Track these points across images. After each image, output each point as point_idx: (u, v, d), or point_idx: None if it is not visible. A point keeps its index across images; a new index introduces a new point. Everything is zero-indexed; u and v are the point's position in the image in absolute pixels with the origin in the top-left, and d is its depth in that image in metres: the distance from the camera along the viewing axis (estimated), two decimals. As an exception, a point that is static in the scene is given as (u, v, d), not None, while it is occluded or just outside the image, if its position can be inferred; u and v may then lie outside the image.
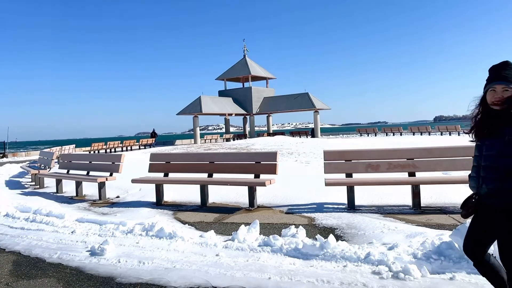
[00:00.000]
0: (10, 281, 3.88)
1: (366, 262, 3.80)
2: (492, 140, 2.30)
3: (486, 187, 2.30)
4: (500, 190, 2.23)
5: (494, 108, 2.31)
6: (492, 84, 2.32)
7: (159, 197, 7.54)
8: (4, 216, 6.80)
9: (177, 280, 3.71)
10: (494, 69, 2.37)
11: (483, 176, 2.33)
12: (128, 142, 38.87)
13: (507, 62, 2.34)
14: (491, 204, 2.31)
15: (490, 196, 2.29)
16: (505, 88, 2.27)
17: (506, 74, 2.29)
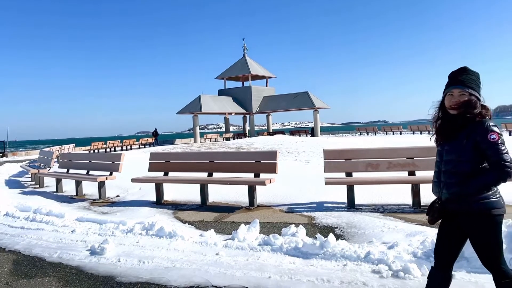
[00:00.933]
0: (10, 280, 3.88)
1: (366, 261, 3.80)
2: (451, 145, 2.33)
3: (447, 192, 2.33)
4: (460, 195, 2.27)
5: (451, 113, 2.34)
6: (449, 88, 2.35)
7: (159, 196, 7.54)
8: (4, 215, 6.80)
9: (177, 279, 3.71)
10: (452, 74, 2.40)
11: (444, 181, 2.36)
12: (128, 141, 38.87)
13: (464, 68, 2.38)
14: (452, 209, 2.33)
15: (451, 201, 2.32)
16: (461, 92, 2.30)
17: (463, 79, 2.32)
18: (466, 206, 2.27)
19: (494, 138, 2.19)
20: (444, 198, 2.35)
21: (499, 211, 2.26)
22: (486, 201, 2.24)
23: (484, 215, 2.25)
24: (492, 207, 2.24)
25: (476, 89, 2.32)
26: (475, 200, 2.24)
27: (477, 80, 2.35)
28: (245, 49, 46.71)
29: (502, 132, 2.27)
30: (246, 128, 48.06)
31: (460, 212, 2.30)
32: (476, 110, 2.27)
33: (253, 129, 46.28)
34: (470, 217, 2.28)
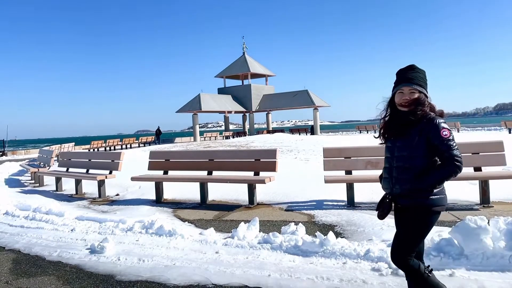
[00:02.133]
0: (10, 279, 3.88)
1: (366, 259, 3.80)
2: (402, 142, 2.38)
3: (400, 187, 2.38)
4: (412, 190, 2.33)
5: (402, 110, 2.39)
6: (400, 86, 2.40)
7: (158, 194, 7.54)
8: (3, 214, 6.80)
9: (177, 277, 3.71)
10: (401, 72, 2.45)
11: (396, 177, 2.40)
12: (127, 140, 38.87)
13: (412, 66, 2.44)
14: (404, 204, 2.39)
15: (403, 196, 2.37)
16: (411, 90, 2.36)
17: (413, 76, 2.38)
18: (416, 201, 2.33)
19: (446, 135, 2.27)
20: (397, 194, 2.40)
21: (440, 208, 2.35)
22: (431, 197, 2.32)
23: (425, 211, 2.33)
24: (434, 204, 2.33)
25: (424, 87, 2.39)
26: (425, 196, 2.31)
27: (424, 77, 2.42)
28: (244, 48, 46.67)
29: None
30: (246, 127, 48.05)
31: (410, 206, 2.36)
32: (426, 107, 2.35)
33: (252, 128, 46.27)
34: (413, 211, 2.34)
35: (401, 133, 2.38)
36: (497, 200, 6.07)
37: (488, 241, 3.61)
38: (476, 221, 3.66)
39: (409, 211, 2.37)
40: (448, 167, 2.28)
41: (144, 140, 40.07)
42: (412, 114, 2.34)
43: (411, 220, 2.36)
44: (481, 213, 5.35)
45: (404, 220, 2.41)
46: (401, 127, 2.38)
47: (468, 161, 6.11)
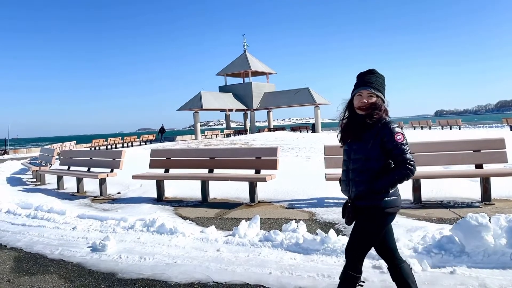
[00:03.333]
0: (12, 277, 3.89)
1: (367, 257, 3.74)
2: (359, 144, 2.42)
3: (356, 189, 2.42)
4: (368, 192, 2.37)
5: (359, 113, 2.43)
6: (358, 89, 2.44)
7: (160, 193, 7.55)
8: (5, 212, 6.81)
9: (178, 275, 3.72)
10: (361, 76, 2.49)
11: (352, 179, 2.45)
12: (128, 138, 38.90)
13: (372, 70, 2.48)
14: (359, 205, 2.43)
15: (359, 198, 2.42)
16: (369, 94, 2.40)
17: (372, 80, 2.42)
18: (370, 203, 2.38)
19: (400, 139, 2.32)
20: (354, 196, 2.45)
21: (393, 209, 2.41)
22: (385, 198, 2.37)
23: (379, 211, 2.38)
24: (389, 205, 2.38)
25: (382, 91, 2.44)
26: (379, 197, 2.36)
27: (383, 82, 2.46)
28: (245, 45, 46.60)
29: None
30: (247, 125, 48.04)
31: (365, 208, 2.41)
32: (382, 112, 2.40)
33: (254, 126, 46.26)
34: (368, 211, 2.40)
35: (357, 136, 2.43)
36: (498, 198, 6.06)
37: (489, 238, 3.60)
38: (477, 219, 3.65)
39: (364, 212, 2.42)
40: (401, 170, 2.33)
41: (145, 138, 40.10)
42: (368, 118, 2.39)
43: (366, 221, 2.42)
44: (482, 210, 5.34)
45: (359, 221, 2.46)
46: (358, 130, 2.42)
47: (469, 159, 6.10)
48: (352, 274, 2.45)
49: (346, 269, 2.48)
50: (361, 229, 2.44)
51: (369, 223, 2.41)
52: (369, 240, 2.45)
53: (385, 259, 2.59)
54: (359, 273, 2.46)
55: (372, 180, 2.37)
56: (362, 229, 2.44)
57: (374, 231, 2.42)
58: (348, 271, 2.46)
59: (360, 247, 2.45)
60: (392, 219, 2.45)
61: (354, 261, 2.46)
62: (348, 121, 2.51)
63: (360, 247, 2.45)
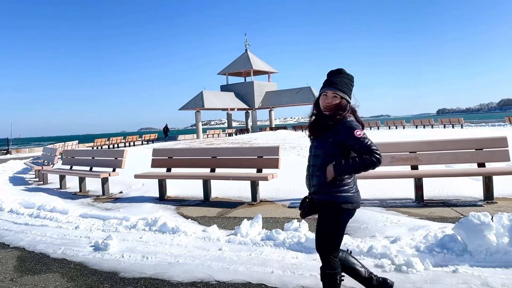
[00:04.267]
0: (15, 276, 3.91)
1: (369, 256, 3.80)
2: (320, 142, 2.54)
3: (313, 184, 2.54)
4: (322, 186, 2.47)
5: (324, 112, 2.51)
6: (324, 89, 2.51)
7: (162, 192, 7.56)
8: (8, 212, 6.84)
9: (180, 274, 3.72)
10: (329, 75, 2.55)
11: (312, 174, 2.56)
12: (131, 137, 38.96)
13: (340, 70, 2.54)
14: (317, 200, 2.52)
15: (316, 193, 2.53)
16: (334, 94, 2.47)
17: (337, 81, 2.48)
18: (326, 197, 2.47)
19: (359, 134, 2.38)
20: (312, 191, 2.56)
21: (349, 205, 2.46)
22: (342, 194, 2.44)
23: (335, 207, 2.45)
24: (343, 200, 2.44)
25: (347, 92, 2.50)
26: (333, 191, 2.44)
27: (349, 83, 2.52)
28: (247, 44, 46.59)
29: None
30: (248, 124, 48.04)
31: (322, 203, 2.50)
32: (346, 112, 2.46)
33: (255, 125, 46.26)
34: (325, 207, 2.48)
35: (319, 134, 2.53)
36: (501, 196, 6.05)
37: (491, 237, 3.59)
38: (480, 217, 3.65)
39: (322, 208, 2.51)
40: (367, 157, 2.37)
41: (147, 137, 40.17)
42: (331, 118, 2.46)
43: (325, 217, 2.51)
44: (484, 209, 5.33)
45: (321, 218, 2.54)
46: (321, 128, 2.51)
47: (471, 157, 6.09)
48: (329, 272, 2.53)
49: (323, 269, 2.56)
50: (323, 226, 2.52)
51: (329, 219, 2.49)
52: (333, 236, 2.51)
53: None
54: (336, 268, 2.54)
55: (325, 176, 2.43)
56: (324, 226, 2.52)
57: (335, 227, 2.49)
58: (326, 271, 2.54)
59: (327, 243, 2.52)
60: (350, 214, 2.50)
61: (326, 258, 2.53)
62: (315, 119, 2.59)
63: (326, 243, 2.52)
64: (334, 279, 2.53)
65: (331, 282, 2.54)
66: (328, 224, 2.49)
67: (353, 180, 2.53)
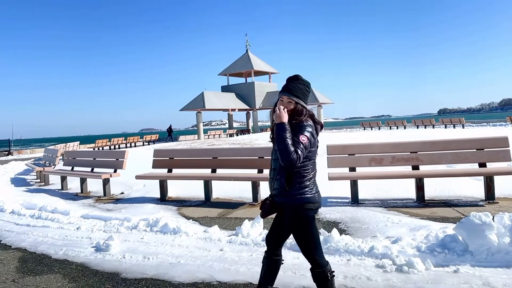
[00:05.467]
0: (17, 277, 3.92)
1: (370, 256, 3.80)
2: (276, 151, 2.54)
3: (274, 187, 2.61)
4: (282, 189, 2.53)
5: None
6: (280, 94, 2.60)
7: (163, 192, 7.57)
8: (10, 213, 6.85)
9: (182, 275, 3.73)
10: (286, 81, 2.63)
11: (273, 178, 2.63)
12: (132, 138, 38.99)
13: (297, 76, 2.63)
14: (278, 202, 2.60)
15: (277, 195, 2.60)
16: (289, 100, 2.55)
17: (292, 87, 2.56)
18: (287, 200, 2.53)
19: (303, 140, 2.44)
20: (273, 193, 2.63)
21: (311, 205, 2.53)
22: (302, 196, 2.51)
23: (298, 209, 2.52)
24: (305, 201, 2.51)
25: (302, 98, 2.57)
26: (294, 194, 2.51)
27: (305, 89, 2.60)
28: (247, 45, 46.59)
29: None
30: (249, 124, 48.03)
31: (283, 204, 2.57)
32: (302, 117, 2.54)
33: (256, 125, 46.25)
34: (288, 210, 2.55)
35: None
36: (502, 196, 6.04)
37: (493, 237, 3.59)
38: (481, 217, 3.65)
39: (283, 209, 2.59)
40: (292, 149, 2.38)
41: (149, 138, 40.19)
42: (288, 122, 2.50)
43: (288, 219, 2.58)
44: (486, 209, 5.33)
45: (289, 223, 2.59)
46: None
47: (473, 157, 6.09)
48: (319, 271, 2.59)
49: (312, 270, 2.63)
50: (294, 229, 2.58)
51: (292, 221, 2.56)
52: (309, 237, 2.57)
53: (268, 246, 2.80)
54: (324, 265, 2.60)
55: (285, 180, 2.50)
56: (294, 229, 2.58)
57: (305, 228, 2.54)
58: (315, 270, 2.60)
59: (306, 245, 2.58)
60: (311, 213, 2.55)
61: (312, 259, 2.59)
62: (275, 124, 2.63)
63: (306, 245, 2.58)
64: (325, 276, 2.59)
65: (323, 280, 2.60)
66: (297, 227, 2.56)
67: (313, 181, 2.60)
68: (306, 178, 2.53)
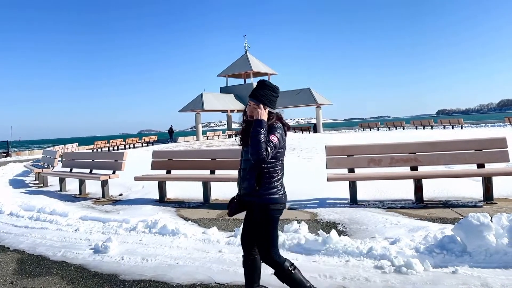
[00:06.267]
0: (15, 279, 3.91)
1: (369, 257, 3.80)
2: (248, 147, 2.64)
3: (243, 187, 2.72)
4: (252, 189, 2.64)
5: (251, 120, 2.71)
6: (249, 99, 2.75)
7: (162, 194, 7.56)
8: (8, 215, 6.84)
9: (180, 276, 3.72)
10: (256, 86, 2.77)
11: (242, 177, 2.74)
12: (131, 139, 38.95)
13: (262, 81, 2.78)
14: (246, 201, 2.71)
15: (246, 195, 2.70)
16: (254, 105, 2.69)
17: (258, 93, 2.71)
18: (255, 199, 2.65)
19: (273, 139, 2.58)
20: (242, 193, 2.73)
21: (278, 206, 2.66)
22: (270, 196, 2.63)
23: (265, 208, 2.63)
24: (273, 202, 2.63)
25: (268, 103, 2.70)
26: (262, 194, 2.62)
27: (271, 93, 2.72)
28: (246, 46, 46.62)
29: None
30: (248, 125, 47.99)
31: (252, 204, 2.68)
32: (269, 122, 2.67)
33: (255, 126, 46.16)
34: (256, 209, 2.66)
35: (248, 142, 2.63)
36: (500, 197, 6.05)
37: (491, 238, 3.60)
38: (479, 218, 3.65)
39: (251, 208, 2.69)
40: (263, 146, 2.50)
41: (147, 139, 40.15)
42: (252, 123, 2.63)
43: (255, 217, 2.68)
44: (484, 210, 5.33)
45: (253, 222, 2.70)
46: (248, 135, 2.64)
47: (471, 158, 6.10)
48: (279, 271, 2.69)
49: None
50: (257, 228, 2.69)
51: (260, 221, 2.66)
52: (269, 236, 2.68)
53: (243, 248, 2.88)
54: (282, 263, 2.69)
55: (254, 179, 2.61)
56: (257, 228, 2.69)
57: (268, 227, 2.66)
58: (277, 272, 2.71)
59: (266, 243, 2.68)
60: (277, 213, 2.67)
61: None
62: (244, 126, 2.79)
63: (266, 243, 2.68)
64: (288, 273, 2.68)
65: (288, 276, 2.69)
66: (261, 226, 2.66)
67: (281, 182, 2.72)
68: (274, 179, 2.66)
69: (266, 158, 2.52)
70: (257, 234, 2.71)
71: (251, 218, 2.75)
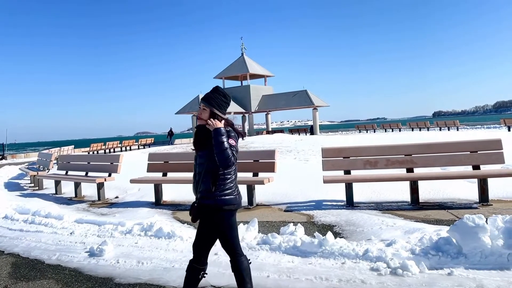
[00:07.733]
0: (9, 283, 3.88)
1: (365, 259, 3.80)
2: (203, 150, 2.75)
3: (200, 190, 2.75)
4: (208, 191, 2.70)
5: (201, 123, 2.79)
6: (200, 101, 2.82)
7: (158, 196, 7.54)
8: (3, 218, 6.80)
9: (176, 279, 3.71)
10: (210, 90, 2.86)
11: (198, 181, 2.78)
12: (127, 142, 38.87)
13: (215, 88, 2.85)
14: (203, 204, 2.72)
15: (202, 198, 2.73)
16: (204, 108, 2.78)
17: (209, 96, 2.79)
18: (211, 201, 2.69)
19: (232, 142, 2.66)
20: (199, 196, 2.76)
21: (232, 206, 2.73)
22: (225, 197, 2.70)
23: (220, 209, 2.69)
24: (228, 203, 2.70)
25: (217, 107, 2.77)
26: (217, 195, 2.68)
27: (221, 99, 2.79)
28: (243, 48, 46.65)
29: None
30: (245, 127, 48.01)
31: (207, 207, 2.71)
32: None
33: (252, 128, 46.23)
34: (212, 211, 2.70)
35: (202, 143, 2.75)
36: (496, 198, 6.07)
37: (486, 239, 3.60)
38: (474, 220, 3.66)
39: (206, 210, 2.73)
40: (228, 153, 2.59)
41: (144, 142, 40.06)
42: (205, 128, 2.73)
43: (208, 218, 2.73)
44: (479, 211, 5.35)
45: (203, 219, 2.75)
46: (202, 138, 2.75)
47: (466, 160, 6.12)
48: (196, 266, 2.81)
49: (191, 262, 2.83)
50: (205, 226, 2.75)
51: (211, 220, 2.72)
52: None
53: (227, 252, 2.90)
54: (203, 265, 2.82)
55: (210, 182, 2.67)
56: (206, 226, 2.75)
57: (226, 228, 2.75)
58: (193, 264, 2.81)
59: (204, 242, 2.77)
60: (231, 215, 2.75)
61: (199, 254, 2.80)
62: (197, 130, 2.83)
63: (203, 242, 2.77)
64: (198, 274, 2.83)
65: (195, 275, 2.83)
66: (210, 224, 2.72)
67: (235, 184, 2.79)
68: (229, 180, 2.73)
69: (234, 163, 2.65)
70: (219, 235, 2.77)
71: (204, 224, 2.77)
